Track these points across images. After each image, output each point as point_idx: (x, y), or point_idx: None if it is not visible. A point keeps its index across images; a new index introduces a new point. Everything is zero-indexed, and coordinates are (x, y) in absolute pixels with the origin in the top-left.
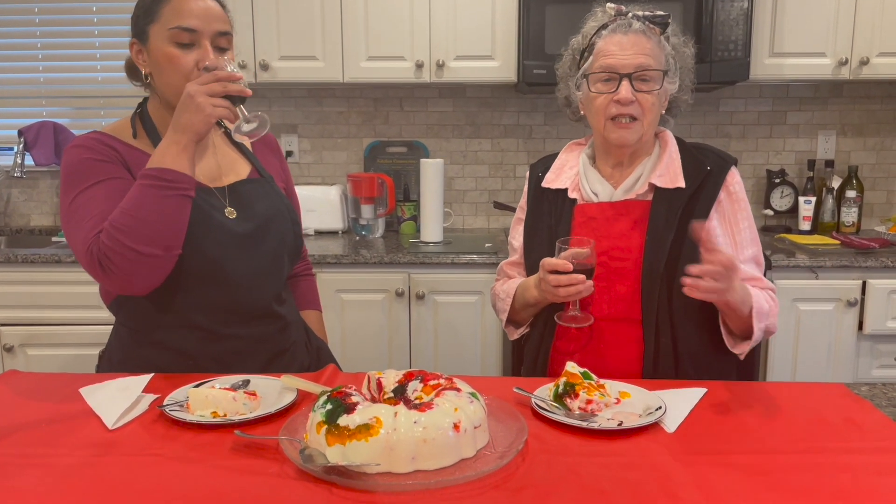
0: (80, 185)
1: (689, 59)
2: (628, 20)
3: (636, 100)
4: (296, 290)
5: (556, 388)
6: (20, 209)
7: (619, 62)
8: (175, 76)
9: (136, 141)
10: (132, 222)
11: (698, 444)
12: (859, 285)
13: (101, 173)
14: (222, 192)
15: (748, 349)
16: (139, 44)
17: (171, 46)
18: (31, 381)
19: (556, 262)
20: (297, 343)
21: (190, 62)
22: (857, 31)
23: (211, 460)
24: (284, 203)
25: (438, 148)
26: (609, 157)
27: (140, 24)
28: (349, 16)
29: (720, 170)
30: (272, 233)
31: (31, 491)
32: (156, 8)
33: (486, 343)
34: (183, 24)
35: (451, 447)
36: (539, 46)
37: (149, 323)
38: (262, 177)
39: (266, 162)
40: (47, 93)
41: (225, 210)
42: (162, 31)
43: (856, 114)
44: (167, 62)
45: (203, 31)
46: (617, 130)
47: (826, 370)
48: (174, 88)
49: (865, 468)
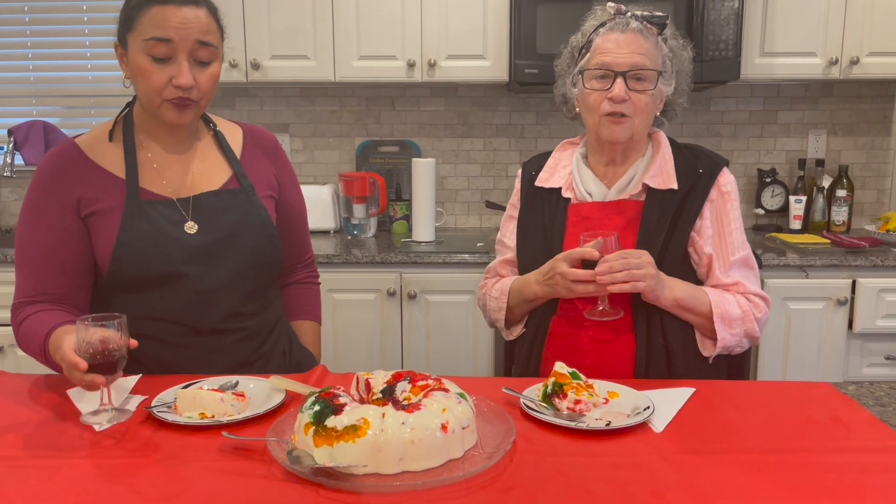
0: (25, 220)
1: (687, 63)
2: (626, 19)
3: (629, 98)
4: (292, 298)
5: (544, 388)
6: (10, 209)
7: (615, 60)
8: (147, 89)
9: (111, 145)
10: (22, 345)
11: (686, 443)
12: (849, 284)
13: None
14: (186, 204)
15: (716, 353)
16: (121, 49)
17: (145, 59)
18: (18, 383)
19: (582, 251)
20: (269, 355)
21: (162, 79)
22: (847, 30)
23: (199, 462)
24: (259, 215)
25: (430, 147)
26: (601, 155)
27: (121, 31)
28: (341, 15)
29: (712, 171)
30: (236, 246)
31: (18, 493)
32: (134, 16)
33: (477, 343)
34: (157, 34)
35: (438, 448)
36: (531, 46)
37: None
38: (241, 186)
39: (254, 169)
40: (37, 92)
41: (185, 224)
42: (137, 41)
43: (846, 113)
44: (140, 75)
45: (179, 43)
46: (609, 126)
47: (816, 369)
48: (147, 100)
49: (851, 467)
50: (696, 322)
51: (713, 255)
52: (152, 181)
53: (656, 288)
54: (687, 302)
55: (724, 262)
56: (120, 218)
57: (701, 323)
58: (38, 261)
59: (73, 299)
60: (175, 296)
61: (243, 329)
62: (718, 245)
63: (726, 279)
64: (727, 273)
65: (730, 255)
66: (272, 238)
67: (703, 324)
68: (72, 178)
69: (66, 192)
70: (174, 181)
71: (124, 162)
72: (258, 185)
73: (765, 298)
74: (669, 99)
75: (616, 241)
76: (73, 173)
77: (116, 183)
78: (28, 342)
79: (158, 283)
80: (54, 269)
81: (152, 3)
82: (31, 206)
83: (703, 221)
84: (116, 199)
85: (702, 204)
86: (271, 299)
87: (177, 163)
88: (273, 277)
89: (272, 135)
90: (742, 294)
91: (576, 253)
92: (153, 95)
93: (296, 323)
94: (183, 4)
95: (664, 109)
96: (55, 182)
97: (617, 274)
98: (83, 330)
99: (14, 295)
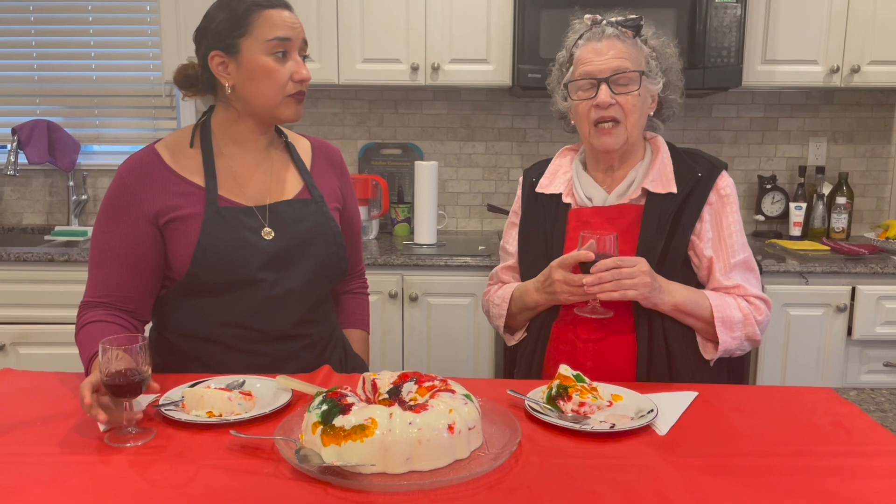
0: (102, 222)
1: (673, 58)
2: (602, 27)
3: (616, 102)
4: (345, 308)
5: (549, 390)
6: (13, 207)
7: (596, 67)
8: (271, 88)
9: (191, 152)
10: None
11: (689, 447)
12: (849, 291)
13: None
14: (262, 211)
15: (717, 356)
16: (224, 56)
17: (267, 58)
18: (25, 380)
19: (578, 255)
20: (329, 361)
21: (285, 74)
22: (848, 39)
23: (207, 460)
24: (329, 225)
25: (433, 150)
26: (599, 163)
27: (228, 38)
28: (345, 18)
29: (710, 175)
30: (308, 254)
31: (26, 490)
32: (246, 21)
33: (478, 345)
34: (280, 34)
35: (445, 448)
36: (534, 50)
37: (177, 331)
38: (312, 196)
39: (322, 181)
40: (41, 91)
41: (262, 230)
42: (257, 44)
43: (846, 121)
44: (265, 74)
45: (295, 41)
46: (600, 137)
47: (815, 375)
48: (267, 99)
49: (853, 472)
50: (698, 326)
51: (713, 257)
52: (230, 189)
53: (651, 295)
54: (687, 307)
55: (724, 264)
56: (200, 224)
57: (702, 327)
58: (109, 263)
59: (136, 302)
60: (247, 301)
61: (308, 336)
62: (718, 248)
63: (727, 282)
64: (728, 276)
65: (730, 257)
66: (340, 248)
67: (704, 328)
68: (151, 187)
69: (145, 200)
70: (251, 189)
71: (202, 169)
72: (327, 197)
73: (766, 301)
74: (662, 97)
75: (614, 241)
76: (152, 182)
77: (195, 190)
78: (82, 350)
79: (234, 288)
80: (124, 273)
81: (262, 7)
82: (108, 211)
83: (703, 224)
84: (195, 205)
85: (701, 207)
86: (331, 308)
87: (254, 171)
88: (336, 284)
89: (337, 149)
90: (743, 297)
91: (570, 258)
92: (275, 93)
93: (347, 331)
94: (285, 7)
95: (659, 109)
96: (134, 190)
97: (606, 284)
98: (105, 354)
99: (84, 293)
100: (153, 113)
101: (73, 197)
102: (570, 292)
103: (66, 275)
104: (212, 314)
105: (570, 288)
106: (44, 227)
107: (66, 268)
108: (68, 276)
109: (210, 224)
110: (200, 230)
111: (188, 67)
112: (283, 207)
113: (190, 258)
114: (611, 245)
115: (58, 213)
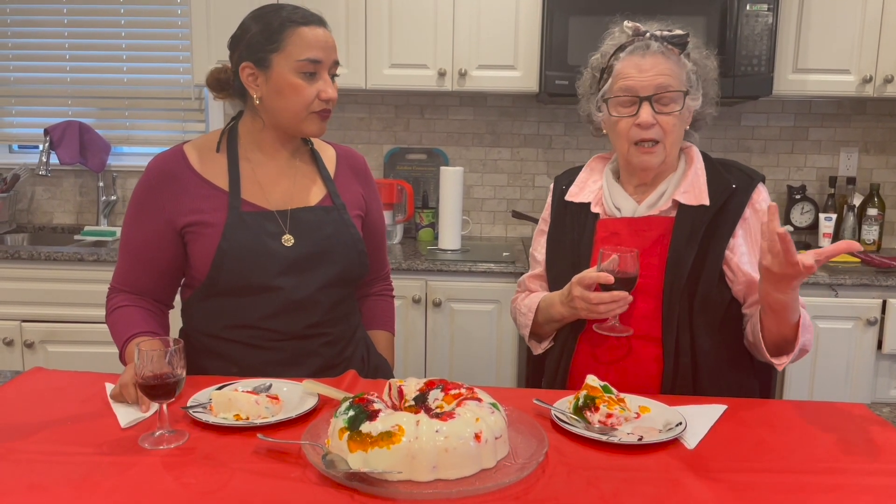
0: (129, 215)
1: (712, 71)
2: (646, 41)
3: (657, 122)
4: (370, 310)
5: (576, 400)
6: (43, 207)
7: (639, 84)
8: (297, 105)
9: (217, 156)
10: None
11: (719, 461)
12: (879, 304)
13: (141, 214)
14: (284, 216)
15: (788, 362)
16: (255, 68)
17: (296, 77)
18: (55, 379)
19: (597, 276)
20: (351, 359)
21: (312, 93)
22: (881, 48)
23: (234, 463)
24: (350, 233)
25: (458, 156)
26: (633, 178)
27: (260, 51)
28: (373, 23)
29: (746, 187)
30: (327, 261)
31: (55, 489)
32: (279, 37)
33: (501, 352)
34: (311, 56)
35: (472, 457)
36: (562, 57)
37: (200, 329)
38: (334, 203)
39: (345, 188)
40: (73, 93)
41: (283, 237)
42: (288, 61)
43: (879, 131)
44: (292, 92)
45: (325, 62)
46: (640, 156)
47: (844, 389)
48: (292, 114)
49: (887, 490)
50: (778, 323)
51: (753, 276)
52: (253, 193)
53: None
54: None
55: None
56: (221, 227)
57: (783, 325)
58: (131, 256)
59: (158, 294)
60: (266, 304)
61: (327, 334)
62: (754, 262)
63: None
64: None
65: None
66: (361, 255)
67: (782, 326)
68: (174, 188)
69: (167, 200)
70: (274, 195)
71: (227, 173)
72: (349, 205)
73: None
74: (698, 111)
75: (634, 259)
76: (176, 185)
77: (219, 194)
78: (113, 334)
79: (252, 292)
80: (143, 267)
81: (296, 24)
82: (134, 206)
83: (736, 240)
84: (218, 210)
85: (735, 221)
86: (352, 309)
87: (277, 177)
88: (357, 289)
89: (362, 156)
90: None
91: (589, 277)
92: (300, 110)
93: (371, 332)
94: (320, 25)
95: (693, 121)
96: (158, 191)
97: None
98: (141, 357)
99: (112, 277)
100: (182, 115)
101: (102, 197)
102: (588, 310)
103: (95, 274)
104: (231, 316)
105: (588, 305)
106: (74, 227)
107: (95, 267)
108: (97, 276)
109: (231, 229)
110: (222, 235)
111: (221, 71)
112: (304, 214)
113: (210, 261)
114: (631, 262)
115: (87, 213)
